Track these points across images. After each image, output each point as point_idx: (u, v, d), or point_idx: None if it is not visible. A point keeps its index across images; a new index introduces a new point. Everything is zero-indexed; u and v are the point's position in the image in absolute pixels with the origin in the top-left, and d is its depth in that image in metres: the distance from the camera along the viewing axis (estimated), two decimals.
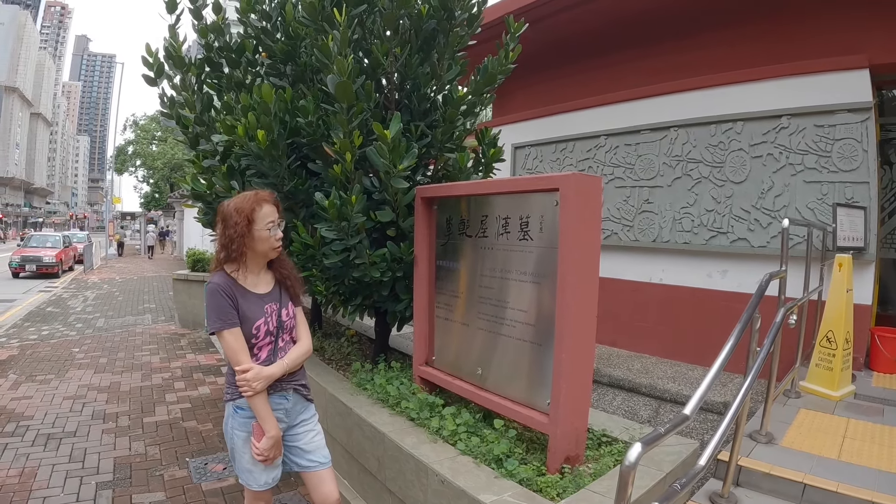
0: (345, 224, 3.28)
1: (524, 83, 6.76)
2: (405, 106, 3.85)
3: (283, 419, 2.49)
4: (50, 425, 5.16)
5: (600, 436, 3.10)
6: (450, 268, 3.37)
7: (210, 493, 3.95)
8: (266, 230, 2.37)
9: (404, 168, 3.19)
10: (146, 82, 4.47)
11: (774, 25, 4.87)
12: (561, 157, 6.53)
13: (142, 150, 40.18)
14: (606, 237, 5.91)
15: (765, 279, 3.16)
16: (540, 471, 2.61)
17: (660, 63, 5.67)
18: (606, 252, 4.85)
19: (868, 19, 4.40)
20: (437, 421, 3.07)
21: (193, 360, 7.82)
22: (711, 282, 5.19)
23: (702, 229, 5.18)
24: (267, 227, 2.37)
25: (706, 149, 5.14)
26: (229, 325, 2.30)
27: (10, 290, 15.89)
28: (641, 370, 5.07)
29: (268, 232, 2.37)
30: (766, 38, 4.92)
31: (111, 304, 13.54)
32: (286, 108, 3.64)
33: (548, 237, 2.67)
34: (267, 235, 2.37)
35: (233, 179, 3.98)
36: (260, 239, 2.37)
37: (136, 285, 17.66)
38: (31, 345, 8.69)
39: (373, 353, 4.42)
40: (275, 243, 2.40)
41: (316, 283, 3.80)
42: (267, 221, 2.37)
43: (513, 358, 2.89)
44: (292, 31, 3.88)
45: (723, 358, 2.43)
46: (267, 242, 2.38)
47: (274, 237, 2.39)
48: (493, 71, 3.73)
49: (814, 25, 4.65)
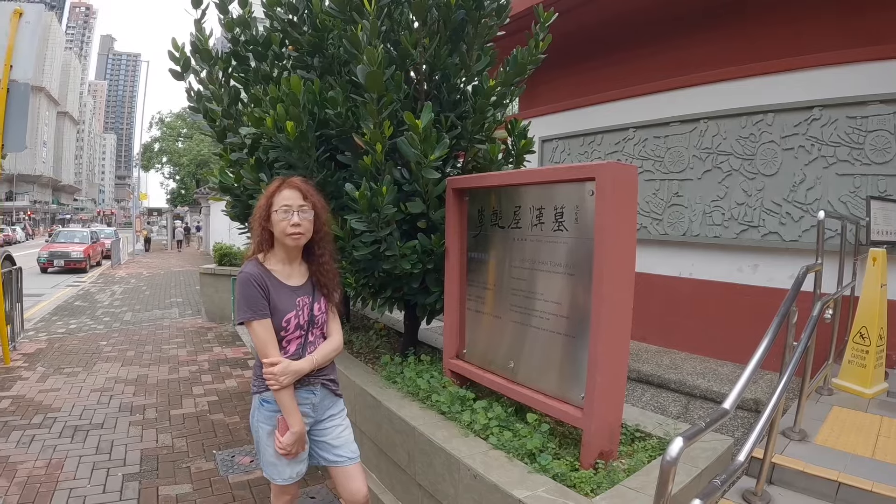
0: (375, 215, 3.24)
1: (551, 76, 6.67)
2: (434, 97, 3.81)
3: (310, 414, 2.47)
4: (77, 417, 5.23)
5: (633, 431, 3.05)
6: (481, 259, 3.33)
7: (237, 485, 3.97)
8: (282, 214, 2.31)
9: (435, 158, 3.15)
10: (173, 76, 4.48)
11: (805, 15, 4.74)
12: (589, 150, 6.45)
13: (168, 147, 40.71)
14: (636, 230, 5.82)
15: (801, 272, 3.08)
16: (573, 466, 2.56)
17: (689, 54, 5.57)
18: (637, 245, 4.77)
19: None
20: (468, 415, 3.03)
21: (220, 354, 7.87)
22: (742, 276, 5.09)
23: (732, 223, 5.08)
24: (283, 210, 2.31)
25: (737, 141, 5.03)
26: (259, 315, 2.28)
27: (39, 284, 16.16)
28: (670, 366, 4.99)
29: (283, 215, 2.30)
30: (796, 27, 4.79)
31: (138, 298, 13.72)
32: (315, 99, 3.61)
33: (583, 228, 2.61)
34: (280, 218, 2.31)
35: (261, 172, 3.97)
36: (275, 223, 2.32)
37: (163, 280, 17.88)
38: (58, 338, 8.83)
39: (402, 347, 4.39)
40: (288, 229, 2.31)
41: (346, 275, 3.79)
42: (282, 204, 2.31)
43: (546, 351, 2.83)
44: (319, 22, 3.85)
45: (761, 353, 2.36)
46: (280, 226, 2.31)
47: (287, 222, 2.30)
48: (523, 61, 3.68)
49: (845, 14, 4.52)
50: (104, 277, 18.76)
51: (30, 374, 6.58)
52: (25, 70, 6.79)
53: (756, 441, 2.21)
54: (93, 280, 17.88)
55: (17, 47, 6.73)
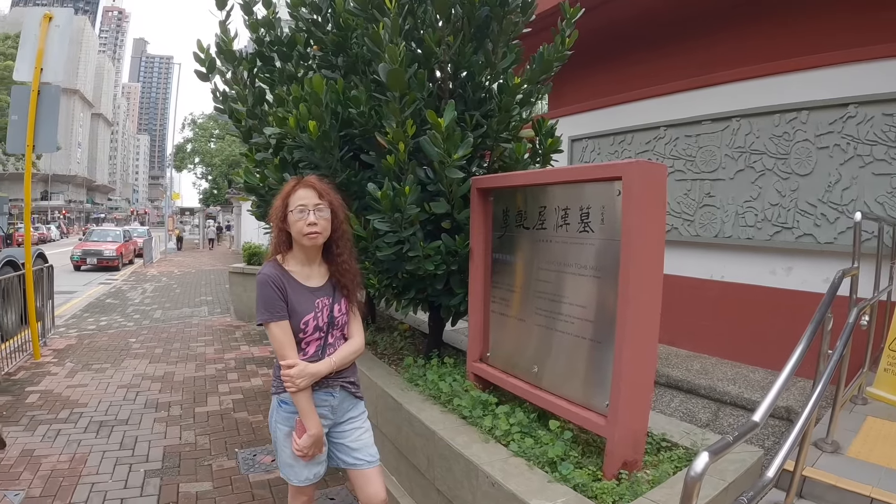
0: (398, 215, 3.20)
1: (580, 74, 6.57)
2: (459, 95, 3.77)
3: (329, 416, 2.43)
4: (103, 413, 5.29)
5: (659, 440, 2.94)
6: (506, 261, 3.27)
7: (257, 484, 3.97)
8: (298, 213, 2.27)
9: (459, 157, 3.10)
10: (198, 77, 4.52)
11: (841, 8, 4.56)
12: (619, 149, 6.33)
13: (200, 148, 41.30)
14: (667, 232, 5.66)
15: (837, 276, 2.95)
16: (596, 476, 2.48)
17: (720, 50, 5.42)
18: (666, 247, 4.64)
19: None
20: (489, 420, 2.97)
21: (247, 352, 7.93)
22: (775, 279, 4.93)
23: (766, 224, 4.92)
24: (299, 210, 2.27)
25: (770, 139, 4.87)
26: (277, 317, 2.25)
27: (72, 282, 16.50)
28: (700, 371, 4.86)
29: (298, 215, 2.27)
30: (831, 22, 4.62)
31: (169, 296, 13.91)
32: (338, 98, 3.59)
33: (609, 229, 2.53)
34: (296, 218, 2.27)
35: (285, 172, 3.97)
36: (292, 223, 2.29)
37: (194, 278, 18.13)
38: (88, 335, 8.98)
39: (426, 349, 4.35)
40: (304, 228, 2.27)
41: (369, 276, 3.76)
42: (297, 204, 2.28)
43: (570, 356, 2.76)
44: (342, 21, 3.83)
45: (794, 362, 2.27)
46: (296, 226, 2.28)
47: (303, 221, 2.26)
48: (549, 58, 3.61)
49: (882, 8, 4.34)
50: (136, 275, 19.08)
51: (58, 370, 6.69)
52: (55, 72, 6.93)
53: (786, 456, 2.11)
54: (125, 278, 18.19)
55: (48, 51, 6.88)
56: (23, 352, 7.17)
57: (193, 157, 42.31)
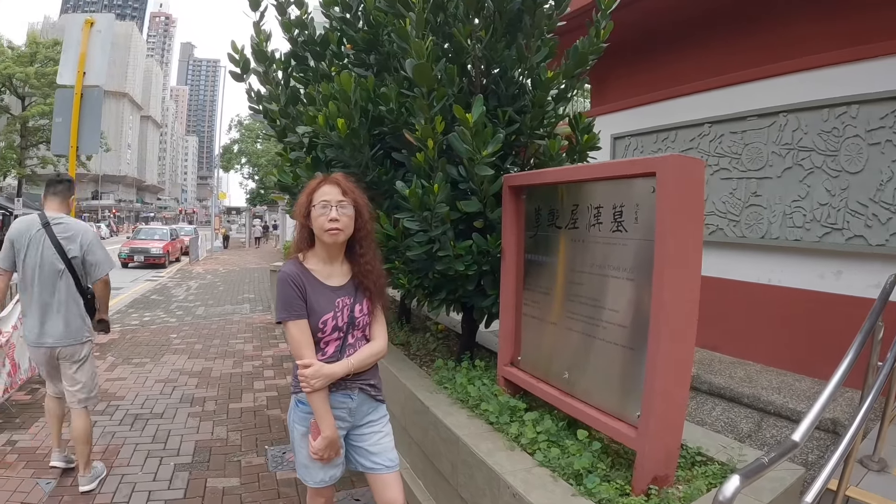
0: (427, 214, 3.14)
1: (622, 71, 6.42)
2: (492, 91, 3.68)
3: (346, 418, 2.38)
4: (139, 406, 5.40)
5: (694, 454, 2.75)
6: (538, 262, 3.15)
7: (284, 482, 3.97)
8: (320, 210, 2.23)
9: (489, 154, 3.00)
10: (233, 78, 4.56)
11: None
12: (662, 146, 6.14)
13: (247, 149, 42.18)
14: (711, 232, 5.47)
15: (889, 281, 2.78)
16: (623, 490, 2.34)
17: (766, 43, 5.19)
18: (710, 248, 4.47)
19: None
20: (516, 427, 2.86)
21: (285, 350, 7.99)
22: (823, 283, 4.69)
23: (814, 225, 4.68)
24: (321, 206, 2.23)
25: (818, 136, 4.63)
26: (294, 316, 2.21)
27: (119, 279, 16.91)
28: (744, 378, 4.65)
29: (321, 210, 2.23)
30: (878, 11, 4.37)
31: (212, 293, 14.19)
32: (368, 96, 3.55)
33: (644, 228, 2.39)
34: (318, 214, 2.24)
35: (318, 170, 3.95)
36: (314, 219, 2.25)
37: (238, 276, 18.48)
38: (131, 330, 9.20)
39: (458, 350, 4.27)
40: (326, 224, 2.22)
41: (399, 275, 3.69)
42: (320, 200, 2.24)
43: (603, 362, 2.63)
44: (373, 19, 3.80)
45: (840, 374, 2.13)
46: (318, 222, 2.24)
47: (325, 217, 2.22)
48: (584, 51, 3.49)
49: None
50: (182, 273, 19.54)
51: (99, 363, 6.83)
52: (98, 76, 7.11)
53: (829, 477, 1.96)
54: (170, 275, 18.64)
55: (90, 55, 7.06)
56: None
57: (240, 158, 43.22)
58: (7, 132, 36.48)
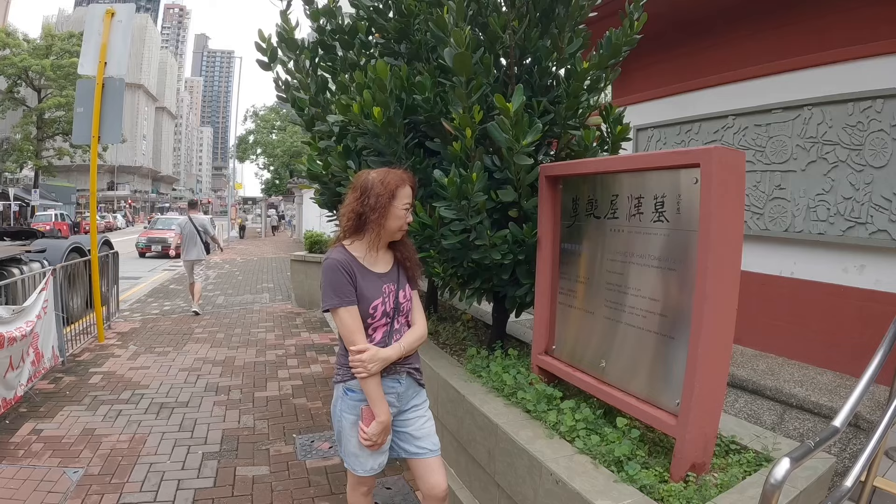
0: (464, 203, 3.15)
1: (646, 62, 6.36)
2: (525, 81, 3.67)
3: (395, 403, 2.41)
4: (164, 395, 5.44)
5: (728, 442, 2.78)
6: (575, 251, 3.16)
7: (313, 470, 3.99)
8: (403, 210, 2.33)
9: (528, 144, 3.01)
10: (261, 67, 4.58)
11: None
12: (686, 139, 6.10)
13: (262, 139, 42.38)
14: None
15: None
16: (662, 477, 2.36)
17: (791, 35, 5.12)
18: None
19: None
20: (554, 415, 2.88)
21: (308, 339, 8.04)
22: (847, 277, 4.65)
23: (838, 219, 4.64)
24: (404, 207, 2.33)
25: (843, 129, 4.58)
26: (347, 302, 2.24)
27: (137, 268, 17.14)
28: (766, 371, 4.64)
29: (404, 212, 2.34)
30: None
31: (231, 282, 14.28)
32: (402, 85, 3.57)
33: (685, 219, 2.40)
34: (402, 214, 2.33)
35: (349, 159, 3.97)
36: (395, 217, 2.31)
37: (256, 266, 18.57)
38: (152, 319, 9.29)
39: (489, 340, 4.28)
40: (405, 225, 2.37)
41: (433, 264, 3.71)
42: (405, 202, 2.34)
43: (641, 351, 2.64)
44: (405, 8, 3.80)
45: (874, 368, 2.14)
46: (398, 221, 2.33)
47: (406, 219, 2.37)
48: (618, 42, 3.47)
49: None
50: None
51: (122, 352, 6.92)
52: (119, 66, 7.17)
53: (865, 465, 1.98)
54: None
55: (111, 45, 7.12)
56: (87, 334, 7.46)
57: (255, 149, 43.39)
58: (24, 124, 36.87)
